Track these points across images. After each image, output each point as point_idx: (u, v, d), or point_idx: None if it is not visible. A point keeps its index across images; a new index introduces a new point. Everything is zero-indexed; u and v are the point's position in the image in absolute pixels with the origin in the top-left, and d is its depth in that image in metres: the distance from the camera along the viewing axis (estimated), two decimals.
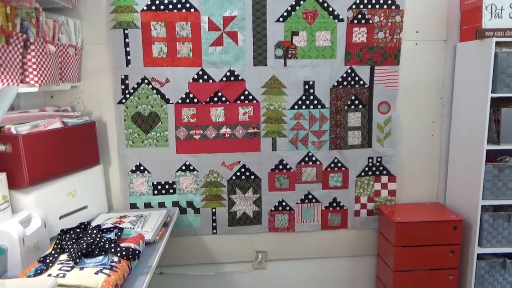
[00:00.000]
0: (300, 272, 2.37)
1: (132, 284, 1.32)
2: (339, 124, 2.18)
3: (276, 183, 2.21)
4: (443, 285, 2.08)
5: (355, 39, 2.10)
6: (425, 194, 2.32)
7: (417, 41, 2.16)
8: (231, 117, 2.12)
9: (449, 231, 2.04)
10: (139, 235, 1.52)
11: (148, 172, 2.13)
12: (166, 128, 2.10)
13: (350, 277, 2.39)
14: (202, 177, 2.16)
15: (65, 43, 1.81)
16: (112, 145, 2.11)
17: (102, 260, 1.28)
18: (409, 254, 2.05)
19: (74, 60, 1.89)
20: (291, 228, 2.26)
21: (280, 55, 2.08)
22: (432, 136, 2.26)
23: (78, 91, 2.04)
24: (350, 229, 2.30)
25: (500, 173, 1.96)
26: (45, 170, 1.63)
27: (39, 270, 1.23)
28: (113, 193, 2.15)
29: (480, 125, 1.93)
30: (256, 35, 2.05)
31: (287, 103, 2.13)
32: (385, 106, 2.18)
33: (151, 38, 2.01)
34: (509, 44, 1.90)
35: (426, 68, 2.19)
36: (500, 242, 2.04)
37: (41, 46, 1.53)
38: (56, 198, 1.70)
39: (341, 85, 2.14)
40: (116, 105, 2.06)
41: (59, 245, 1.36)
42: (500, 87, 1.88)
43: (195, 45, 2.03)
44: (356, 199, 2.27)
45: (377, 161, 2.23)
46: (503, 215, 2.00)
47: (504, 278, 2.07)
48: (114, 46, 2.00)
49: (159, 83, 2.05)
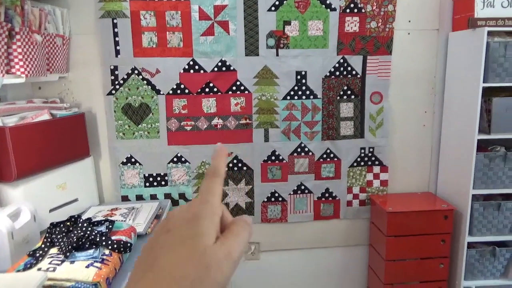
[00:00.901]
0: (293, 263, 2.38)
1: (124, 277, 1.31)
2: (331, 115, 2.17)
3: (269, 174, 2.20)
4: (434, 273, 2.11)
5: (347, 28, 2.08)
6: (417, 184, 2.33)
7: (410, 31, 2.15)
8: (223, 108, 2.10)
9: (440, 221, 2.06)
10: (131, 228, 1.51)
11: (139, 164, 2.11)
12: (157, 120, 2.07)
13: (342, 266, 2.41)
14: (194, 169, 2.15)
15: (52, 33, 1.77)
16: (103, 137, 2.08)
17: (93, 253, 1.27)
18: (400, 244, 2.07)
19: (61, 51, 1.85)
20: (284, 219, 2.27)
21: (272, 45, 2.06)
22: (424, 126, 2.26)
23: (67, 82, 2.01)
24: (343, 219, 2.31)
25: (491, 162, 1.98)
26: (34, 162, 1.60)
27: (29, 264, 1.22)
28: (104, 186, 2.13)
29: (471, 115, 1.94)
30: (247, 24, 2.02)
31: (279, 93, 2.11)
32: (377, 96, 2.18)
33: (141, 27, 1.97)
34: (501, 34, 1.90)
35: (418, 58, 2.18)
36: (490, 230, 2.06)
37: (27, 36, 1.49)
38: (46, 191, 1.68)
39: (334, 75, 2.13)
40: (105, 96, 2.03)
41: (49, 239, 1.34)
42: (492, 76, 1.89)
43: (185, 35, 2.00)
44: (349, 189, 2.27)
45: (369, 151, 2.24)
46: (493, 204, 2.02)
47: (494, 266, 2.10)
48: (102, 36, 1.96)
49: (149, 74, 2.02)
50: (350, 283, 2.44)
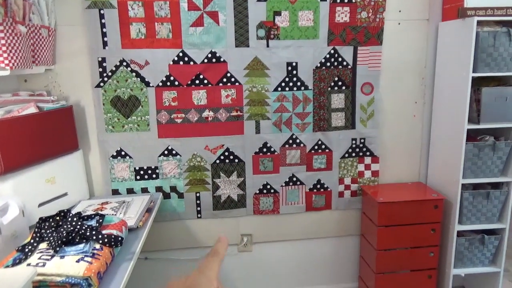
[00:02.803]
0: (286, 254, 2.39)
1: (115, 271, 1.30)
2: (322, 106, 2.16)
3: (260, 166, 2.20)
4: (424, 262, 2.13)
5: (338, 18, 2.07)
6: (408, 174, 2.35)
7: (400, 21, 2.14)
8: (214, 100, 2.08)
9: (431, 210, 2.08)
10: (122, 222, 1.49)
11: (129, 157, 2.09)
12: (147, 112, 2.05)
13: (334, 257, 2.43)
14: (185, 162, 2.13)
15: (37, 24, 1.72)
16: (92, 130, 2.05)
17: (83, 248, 1.25)
18: (391, 233, 2.09)
19: (47, 42, 1.81)
20: (276, 211, 2.27)
21: (263, 36, 2.04)
22: (415, 117, 2.27)
23: (53, 75, 1.97)
24: (334, 210, 2.32)
25: (480, 152, 2.00)
26: (21, 156, 1.57)
27: (18, 259, 1.20)
28: (94, 179, 2.10)
29: (461, 105, 1.95)
30: (237, 15, 1.99)
31: (270, 85, 2.10)
32: (368, 87, 2.18)
33: (129, 18, 1.93)
34: (490, 23, 1.91)
35: (408, 48, 2.18)
36: (479, 219, 2.09)
37: (11, 27, 1.45)
38: (34, 186, 1.65)
39: (324, 66, 2.12)
40: (94, 88, 1.99)
41: (38, 234, 1.32)
42: (481, 66, 1.90)
43: (174, 25, 1.97)
44: (340, 180, 2.28)
45: (361, 142, 2.24)
46: (483, 193, 2.05)
47: (483, 253, 2.13)
48: (89, 27, 1.92)
49: (138, 66, 1.99)
50: (342, 272, 2.46)
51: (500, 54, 1.88)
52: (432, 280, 2.15)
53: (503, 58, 1.89)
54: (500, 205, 2.08)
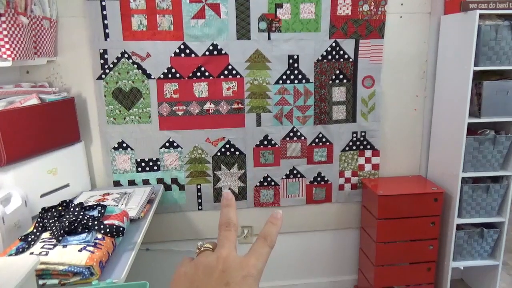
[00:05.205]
0: (286, 246, 2.40)
1: (117, 260, 1.31)
2: (323, 99, 2.17)
3: (261, 158, 2.21)
4: (424, 255, 2.15)
5: (339, 11, 2.06)
6: (408, 168, 2.36)
7: (402, 14, 2.14)
8: (215, 93, 2.08)
9: (430, 203, 2.09)
10: (123, 212, 1.51)
11: (131, 149, 2.10)
12: (148, 104, 2.05)
13: (334, 249, 2.45)
14: (186, 154, 2.14)
15: (38, 15, 1.72)
16: (93, 122, 2.06)
17: (86, 237, 1.27)
18: (391, 226, 2.10)
19: (49, 33, 1.81)
20: (276, 203, 2.28)
21: (264, 28, 2.04)
22: (415, 110, 2.28)
23: (55, 66, 1.97)
24: (334, 203, 2.33)
25: (480, 145, 2.00)
26: (23, 147, 1.58)
27: (21, 248, 1.21)
28: (95, 171, 2.11)
29: (462, 99, 1.95)
30: (239, 7, 1.99)
31: (271, 77, 2.10)
32: (369, 80, 2.18)
33: (130, 10, 1.93)
34: (492, 17, 1.90)
35: (410, 42, 2.18)
36: (478, 212, 2.10)
37: (13, 18, 1.46)
38: (37, 176, 1.66)
39: (326, 59, 2.12)
40: (95, 80, 2.00)
41: (41, 223, 1.34)
42: (483, 60, 1.90)
43: (176, 17, 1.96)
44: (340, 173, 2.29)
45: (361, 135, 2.25)
46: (482, 187, 2.06)
47: (482, 246, 2.15)
48: (91, 19, 1.92)
49: (139, 58, 1.99)
50: (342, 265, 2.47)
51: (501, 48, 1.88)
52: (431, 272, 2.17)
53: (505, 51, 1.89)
54: (500, 199, 2.08)
